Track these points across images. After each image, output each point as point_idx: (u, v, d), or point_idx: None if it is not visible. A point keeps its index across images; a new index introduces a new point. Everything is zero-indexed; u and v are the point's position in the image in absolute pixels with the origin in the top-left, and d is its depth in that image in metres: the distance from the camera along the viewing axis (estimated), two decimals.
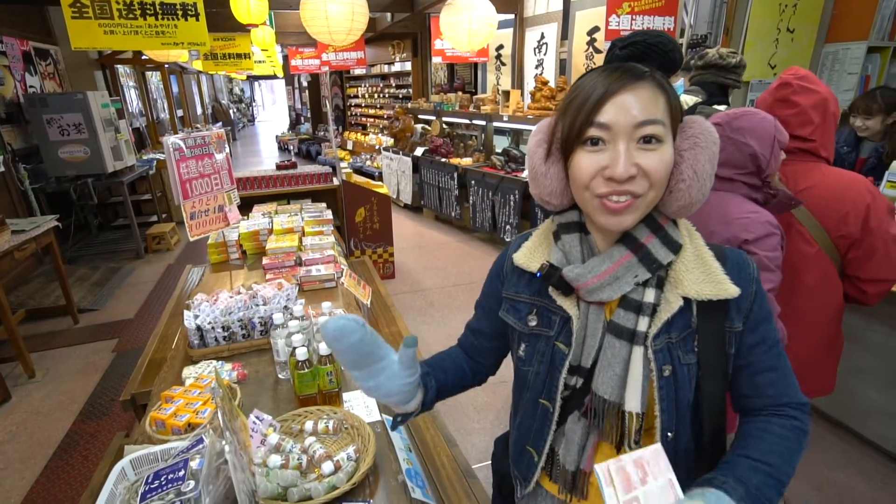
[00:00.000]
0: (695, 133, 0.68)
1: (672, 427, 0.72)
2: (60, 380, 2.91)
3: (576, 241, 0.75)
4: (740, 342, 0.73)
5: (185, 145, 2.25)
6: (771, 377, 0.73)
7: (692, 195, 0.68)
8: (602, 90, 0.64)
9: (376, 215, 4.12)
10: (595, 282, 0.70)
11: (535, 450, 0.83)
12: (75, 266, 4.71)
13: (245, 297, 1.77)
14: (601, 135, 0.65)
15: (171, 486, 0.99)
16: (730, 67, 2.17)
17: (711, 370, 0.72)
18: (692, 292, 0.69)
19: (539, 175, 0.74)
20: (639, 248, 0.70)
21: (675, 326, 0.70)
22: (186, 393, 1.33)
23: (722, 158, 1.25)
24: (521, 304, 0.81)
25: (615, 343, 0.71)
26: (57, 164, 4.57)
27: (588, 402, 0.75)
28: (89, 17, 2.38)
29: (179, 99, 9.84)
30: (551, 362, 0.77)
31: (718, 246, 0.75)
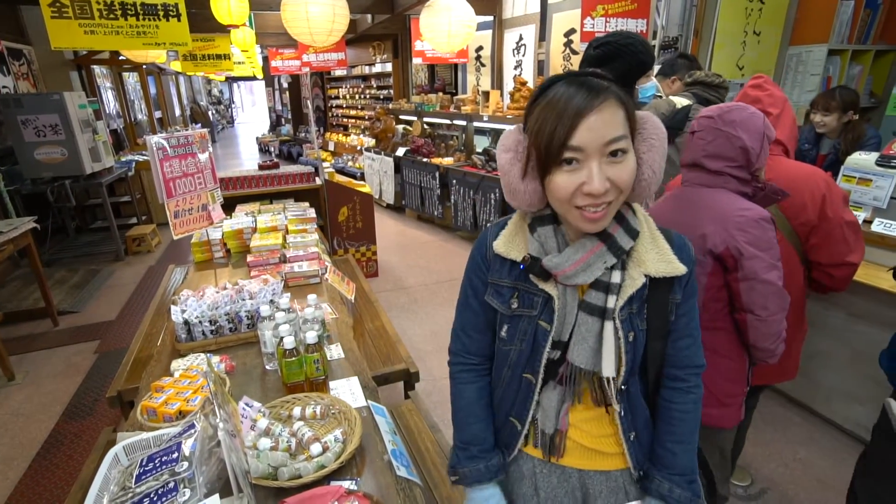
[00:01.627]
0: (649, 135, 0.79)
1: (625, 381, 0.86)
2: (41, 382, 2.89)
3: (551, 232, 0.84)
4: (676, 310, 0.87)
5: (169, 144, 2.27)
6: (688, 342, 0.90)
7: (651, 189, 0.80)
8: (571, 114, 0.71)
9: (359, 214, 4.16)
10: (571, 269, 0.80)
11: (517, 419, 0.92)
12: (54, 269, 4.63)
13: (231, 292, 1.81)
14: (575, 156, 0.73)
15: (164, 467, 1.03)
16: (713, 85, 2.36)
17: (657, 333, 0.87)
18: (652, 270, 0.82)
19: (518, 192, 0.82)
20: (607, 238, 0.81)
21: (635, 299, 0.83)
22: (176, 383, 1.37)
23: (712, 150, 1.28)
24: (503, 289, 0.89)
25: (588, 319, 0.82)
26: (33, 165, 4.50)
27: (563, 371, 0.86)
28: (69, 17, 2.37)
29: (157, 100, 9.71)
30: (535, 339, 0.86)
31: (666, 229, 0.88)
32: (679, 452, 0.88)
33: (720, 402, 1.37)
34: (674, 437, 0.89)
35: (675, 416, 0.89)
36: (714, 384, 1.34)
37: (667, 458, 0.89)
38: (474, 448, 0.95)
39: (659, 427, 0.91)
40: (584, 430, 0.90)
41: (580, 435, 0.90)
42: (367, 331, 2.45)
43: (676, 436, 0.89)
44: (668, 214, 1.39)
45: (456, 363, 1.00)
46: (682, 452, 0.89)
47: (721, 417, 1.39)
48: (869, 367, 2.08)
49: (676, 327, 0.88)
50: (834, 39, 3.48)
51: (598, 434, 0.90)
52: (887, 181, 2.14)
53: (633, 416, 0.89)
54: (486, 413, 0.97)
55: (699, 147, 1.32)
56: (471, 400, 0.97)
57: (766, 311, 1.23)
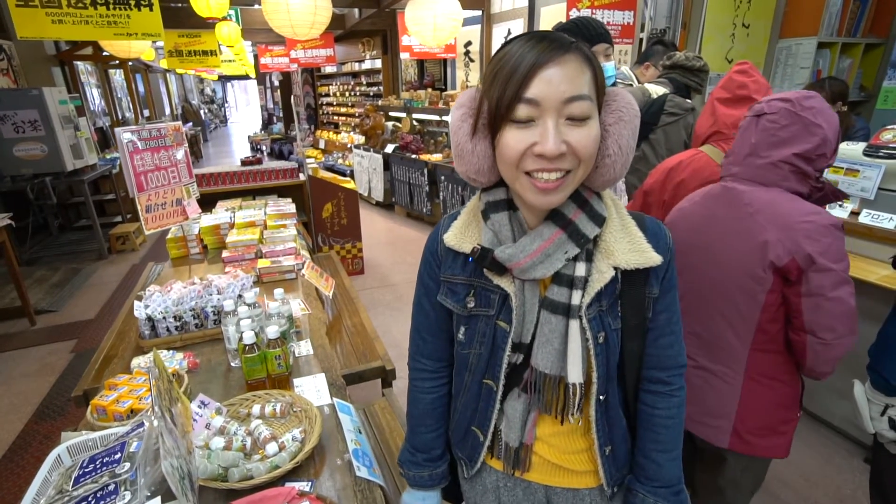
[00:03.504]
0: (619, 107, 0.68)
1: (603, 390, 0.76)
2: (13, 382, 2.81)
3: (505, 219, 0.74)
4: (654, 306, 0.77)
5: (139, 137, 2.21)
6: (671, 340, 0.80)
7: (616, 170, 0.69)
8: (529, 64, 0.62)
9: (343, 210, 4.10)
10: (527, 261, 0.70)
11: (480, 430, 0.84)
12: (34, 268, 4.55)
13: (199, 288, 1.75)
14: (529, 111, 0.63)
15: (105, 468, 0.98)
16: (694, 69, 2.25)
17: (633, 332, 0.76)
18: (622, 262, 0.71)
19: (465, 153, 0.71)
20: (567, 225, 0.71)
21: (605, 294, 0.73)
22: (131, 380, 1.31)
23: (784, 136, 1.08)
24: (458, 286, 0.80)
25: (551, 318, 0.72)
26: (12, 162, 4.41)
27: (528, 377, 0.76)
28: (35, 6, 2.30)
29: (146, 98, 9.61)
30: (493, 341, 0.77)
31: (639, 214, 0.78)
32: (664, 463, 0.79)
33: (773, 430, 1.18)
34: (658, 447, 0.80)
35: (658, 422, 0.80)
36: (765, 411, 1.17)
37: (650, 470, 0.80)
38: (421, 456, 0.93)
39: (641, 436, 0.82)
40: (553, 445, 0.82)
41: (547, 450, 0.82)
42: (345, 327, 2.39)
43: (661, 444, 0.80)
44: (705, 217, 1.22)
45: (413, 367, 0.95)
46: (666, 462, 0.80)
47: (773, 448, 1.20)
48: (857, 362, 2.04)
49: (656, 325, 0.78)
50: (823, 32, 3.44)
51: (569, 450, 0.81)
52: (875, 171, 2.10)
53: (611, 428, 0.79)
54: (439, 423, 0.93)
55: (766, 132, 1.11)
56: (425, 410, 0.92)
57: (833, 334, 1.05)
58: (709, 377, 1.23)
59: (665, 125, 2.12)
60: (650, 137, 2.17)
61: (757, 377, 1.16)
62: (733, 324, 1.17)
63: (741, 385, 1.18)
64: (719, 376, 1.21)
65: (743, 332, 1.16)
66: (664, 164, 1.61)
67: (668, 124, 2.12)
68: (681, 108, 2.11)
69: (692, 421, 1.25)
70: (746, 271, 1.12)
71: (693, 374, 1.25)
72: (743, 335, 1.16)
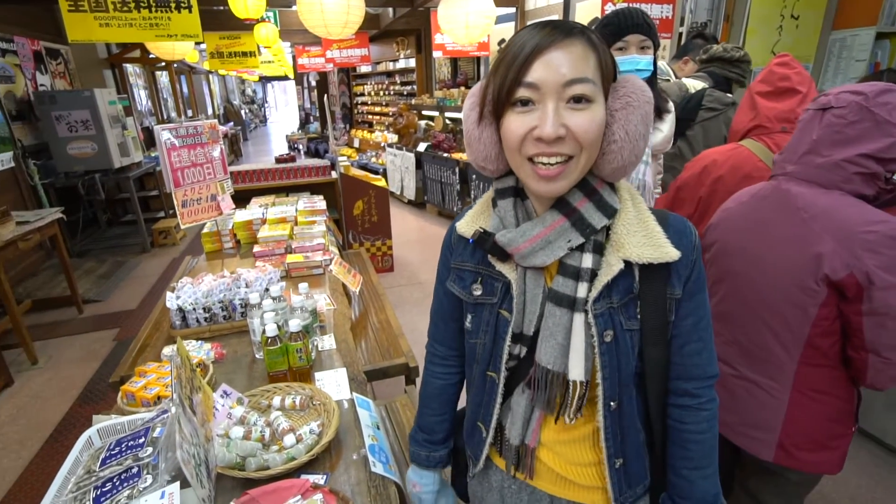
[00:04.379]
0: (627, 92, 0.66)
1: (615, 396, 0.72)
2: (61, 366, 2.97)
3: (510, 206, 0.74)
4: (677, 310, 0.73)
5: (177, 134, 2.28)
6: (698, 347, 0.74)
7: (624, 157, 0.67)
8: (530, 48, 0.62)
9: (374, 208, 4.13)
10: (527, 246, 0.69)
11: (483, 425, 0.83)
12: (84, 259, 4.80)
13: (228, 280, 1.79)
14: (530, 95, 0.63)
15: (130, 452, 1.01)
16: (733, 61, 2.14)
17: (654, 336, 0.72)
18: (633, 255, 0.68)
19: (473, 140, 0.72)
20: (571, 213, 0.69)
21: (617, 290, 0.69)
22: (160, 368, 1.35)
23: (851, 134, 0.98)
24: (465, 273, 0.80)
25: (555, 311, 0.70)
26: (65, 159, 4.67)
27: (532, 372, 0.73)
28: (85, 11, 2.43)
29: (189, 99, 9.99)
30: (496, 331, 0.76)
31: (661, 211, 0.74)
32: (696, 480, 0.75)
33: (823, 445, 1.10)
34: (690, 464, 0.76)
35: (688, 438, 0.75)
36: (814, 425, 1.10)
37: (684, 488, 0.76)
38: (422, 435, 0.97)
39: (671, 452, 0.78)
40: (559, 454, 0.78)
41: (553, 458, 0.78)
42: (370, 324, 2.40)
43: (692, 461, 0.75)
44: (752, 220, 1.13)
45: (429, 351, 0.97)
46: (700, 479, 0.75)
47: (823, 463, 1.11)
48: None
49: (681, 331, 0.73)
50: (883, 21, 3.22)
51: (576, 461, 0.77)
52: None
53: (623, 439, 0.74)
54: (445, 409, 0.95)
55: (831, 128, 1.00)
56: (432, 393, 0.95)
57: None
58: (752, 388, 1.15)
59: (703, 121, 2.03)
60: (687, 134, 2.08)
61: (805, 391, 1.08)
62: (780, 336, 1.09)
63: (788, 399, 1.10)
64: (764, 388, 1.13)
65: (791, 345, 1.08)
66: (700, 158, 1.54)
67: (706, 120, 2.03)
68: (720, 102, 2.01)
69: (733, 431, 1.18)
70: (796, 282, 1.04)
71: (735, 384, 1.18)
72: (791, 348, 1.08)
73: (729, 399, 1.18)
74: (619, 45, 1.48)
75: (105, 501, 0.92)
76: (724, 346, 1.20)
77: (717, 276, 1.22)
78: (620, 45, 1.48)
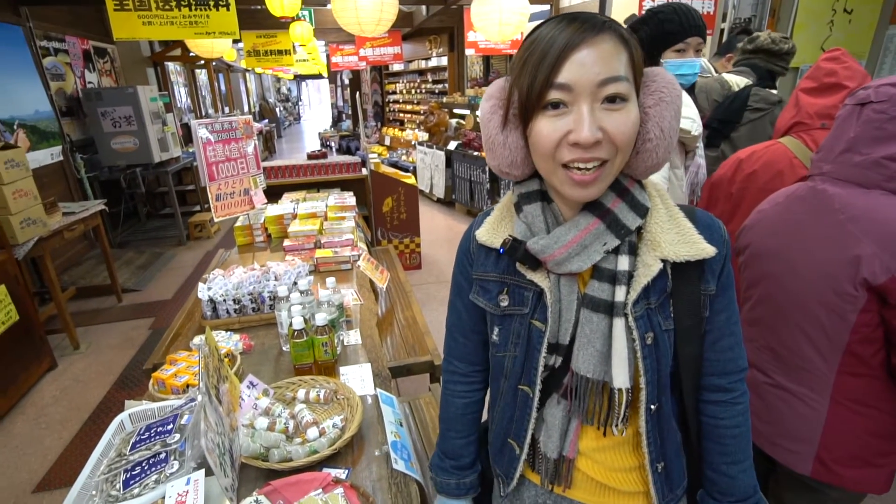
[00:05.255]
0: (659, 87, 0.63)
1: (655, 399, 0.70)
2: (101, 352, 3.10)
3: (538, 210, 0.70)
4: (711, 306, 0.70)
5: (212, 129, 2.34)
6: (731, 342, 0.73)
7: (659, 155, 0.64)
8: (560, 46, 0.58)
9: (403, 205, 4.15)
10: (562, 252, 0.66)
11: (515, 442, 0.79)
12: (124, 250, 5.00)
13: (258, 273, 1.82)
14: (561, 97, 0.59)
15: (158, 437, 1.03)
16: (781, 54, 2.04)
17: (688, 334, 0.70)
18: (670, 254, 0.66)
19: (496, 145, 0.68)
20: (606, 215, 0.66)
21: (654, 291, 0.67)
22: (190, 357, 1.38)
23: (891, 131, 0.92)
24: (490, 284, 0.76)
25: (592, 317, 0.67)
26: (109, 154, 4.87)
27: (568, 382, 0.71)
28: (129, 10, 2.52)
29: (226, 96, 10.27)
30: (528, 342, 0.73)
31: (688, 206, 0.72)
32: (736, 475, 0.74)
33: (866, 461, 1.04)
34: (727, 459, 0.75)
35: (725, 433, 0.74)
36: (856, 440, 1.03)
37: (724, 484, 0.75)
38: (450, 462, 0.90)
39: (709, 449, 0.76)
40: (598, 462, 0.75)
41: (592, 467, 0.75)
42: (396, 320, 2.41)
43: (730, 456, 0.74)
44: (787, 221, 1.08)
45: (446, 370, 0.92)
46: (739, 474, 0.74)
47: (866, 481, 1.04)
48: None
49: (714, 326, 0.72)
50: None
51: (616, 467, 0.74)
52: None
53: (663, 441, 0.72)
54: (470, 430, 0.90)
55: (870, 124, 0.95)
56: (455, 414, 0.90)
57: None
58: (787, 398, 1.09)
59: (748, 122, 1.94)
60: (732, 136, 1.99)
61: (845, 402, 1.02)
62: (817, 343, 1.03)
63: (826, 410, 1.04)
64: (800, 398, 1.07)
65: (828, 352, 1.01)
66: (736, 154, 1.47)
67: (751, 121, 1.93)
68: (766, 101, 1.91)
69: (768, 442, 1.12)
70: (833, 287, 0.98)
71: (768, 392, 1.12)
72: (828, 356, 1.02)
73: (763, 408, 1.12)
74: (679, 47, 1.44)
75: (134, 484, 0.94)
76: (757, 353, 1.15)
77: (751, 279, 1.16)
78: (681, 46, 1.44)
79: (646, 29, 1.47)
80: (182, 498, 0.87)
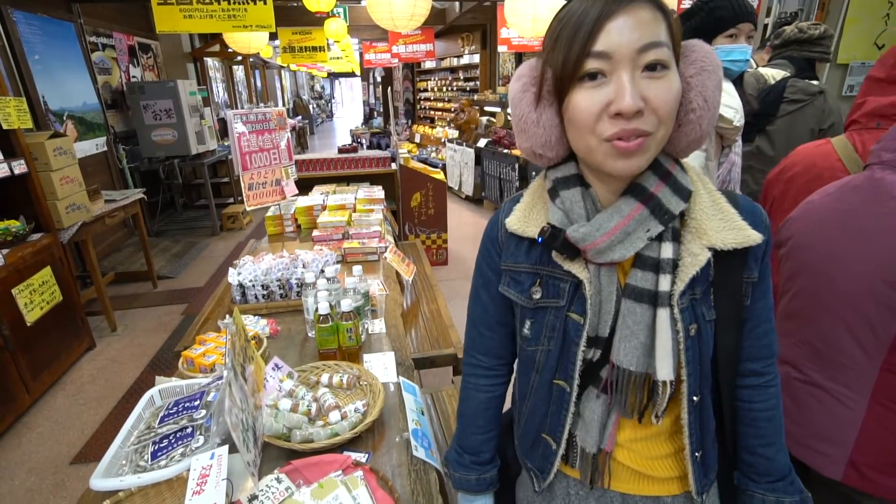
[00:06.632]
0: (699, 57, 0.60)
1: (697, 390, 0.67)
2: (136, 335, 3.21)
3: (577, 196, 0.66)
4: (752, 293, 0.68)
5: (247, 120, 2.39)
6: (767, 328, 0.72)
7: (703, 126, 0.61)
8: (595, 15, 0.56)
9: (431, 201, 4.15)
10: (605, 240, 0.62)
11: (551, 437, 0.76)
12: (161, 239, 5.17)
13: (286, 260, 1.85)
14: (600, 66, 0.56)
15: (185, 412, 1.05)
16: (812, 40, 1.95)
17: (728, 323, 0.68)
18: (717, 241, 0.62)
19: (529, 124, 0.65)
20: (649, 199, 0.62)
21: (699, 281, 0.65)
22: (218, 338, 1.41)
23: None
24: (522, 276, 0.73)
25: (636, 308, 0.64)
26: (150, 145, 5.05)
27: (608, 375, 0.68)
28: (172, 4, 2.60)
29: (262, 93, 10.52)
30: (564, 336, 0.70)
31: (730, 192, 0.68)
32: (773, 455, 0.74)
33: None
34: (764, 441, 0.74)
35: (759, 416, 0.73)
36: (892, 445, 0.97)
37: (761, 465, 0.74)
38: (469, 458, 0.88)
39: (743, 433, 0.75)
40: (634, 451, 0.73)
41: (628, 456, 0.73)
42: (421, 313, 2.41)
43: (766, 438, 0.74)
44: (838, 210, 1.02)
45: (467, 363, 0.89)
46: (774, 454, 0.74)
47: None
48: None
49: (754, 313, 0.69)
50: None
51: (652, 455, 0.73)
52: None
53: (703, 432, 0.70)
54: (491, 426, 0.88)
55: None
56: (476, 410, 0.87)
57: None
58: (821, 395, 1.03)
59: (786, 115, 1.86)
60: (768, 129, 1.91)
61: (887, 402, 0.96)
62: (860, 338, 0.97)
63: (864, 410, 0.98)
64: (835, 396, 1.01)
65: (872, 348, 0.96)
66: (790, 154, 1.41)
67: (789, 113, 1.85)
68: (805, 92, 1.82)
69: (797, 443, 1.06)
70: (885, 278, 0.92)
71: (801, 389, 1.06)
72: (872, 353, 0.96)
73: (793, 407, 1.06)
74: (730, 32, 1.41)
75: (161, 456, 0.97)
76: (792, 348, 1.09)
77: (792, 271, 1.10)
78: (733, 31, 1.42)
79: (696, 19, 1.44)
80: (206, 472, 0.89)
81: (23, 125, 2.47)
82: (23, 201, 2.63)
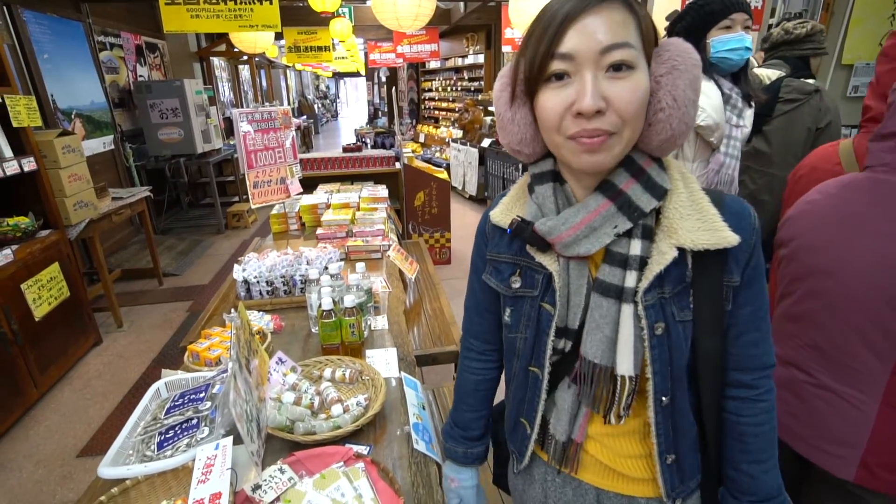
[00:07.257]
0: (672, 56, 0.60)
1: (667, 391, 0.67)
2: (142, 331, 3.25)
3: (549, 191, 0.68)
4: (735, 298, 0.67)
5: (252, 118, 2.41)
6: (755, 337, 0.70)
7: (673, 126, 0.61)
8: (562, 16, 0.57)
9: (435, 200, 4.17)
10: (570, 234, 0.64)
11: (527, 421, 0.79)
12: (166, 236, 5.22)
13: (291, 257, 1.87)
14: (565, 67, 0.57)
15: (191, 404, 1.07)
16: (800, 39, 1.95)
17: (708, 327, 0.67)
18: (687, 241, 0.62)
19: (506, 122, 0.67)
20: (617, 196, 0.64)
21: (669, 280, 0.65)
22: (223, 332, 1.43)
23: None
24: (503, 265, 0.76)
25: (602, 302, 0.65)
26: (156, 144, 5.09)
27: (578, 367, 0.70)
28: (179, 4, 2.63)
29: (267, 92, 10.56)
30: (538, 325, 0.72)
31: (716, 191, 0.68)
32: (757, 474, 0.71)
33: None
34: (748, 457, 0.72)
35: (746, 431, 0.71)
36: None
37: (745, 483, 0.72)
38: (458, 431, 0.94)
39: (729, 446, 0.74)
40: (606, 446, 0.74)
41: (600, 451, 0.75)
42: (424, 311, 2.43)
43: (751, 455, 0.71)
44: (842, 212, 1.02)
45: (463, 346, 0.95)
46: (761, 473, 0.71)
47: None
48: None
49: (738, 320, 0.68)
50: None
51: (624, 454, 0.74)
52: None
53: (676, 434, 0.70)
54: (481, 405, 0.94)
55: None
56: (468, 389, 0.93)
57: None
58: (833, 399, 1.04)
59: (782, 114, 1.86)
60: (764, 129, 1.91)
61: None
62: (872, 342, 0.97)
63: (875, 413, 0.98)
64: (847, 399, 1.01)
65: (885, 353, 0.95)
66: None
67: (785, 113, 1.85)
68: (801, 91, 1.82)
69: (808, 445, 1.07)
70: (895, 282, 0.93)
71: (810, 393, 1.07)
72: (884, 357, 0.96)
73: (803, 410, 1.07)
74: (725, 24, 1.43)
75: (167, 446, 0.99)
76: (799, 350, 1.09)
77: (797, 273, 1.11)
78: (727, 23, 1.43)
79: (687, 18, 1.45)
80: (211, 461, 0.91)
81: (32, 123, 2.50)
82: (32, 198, 2.67)
